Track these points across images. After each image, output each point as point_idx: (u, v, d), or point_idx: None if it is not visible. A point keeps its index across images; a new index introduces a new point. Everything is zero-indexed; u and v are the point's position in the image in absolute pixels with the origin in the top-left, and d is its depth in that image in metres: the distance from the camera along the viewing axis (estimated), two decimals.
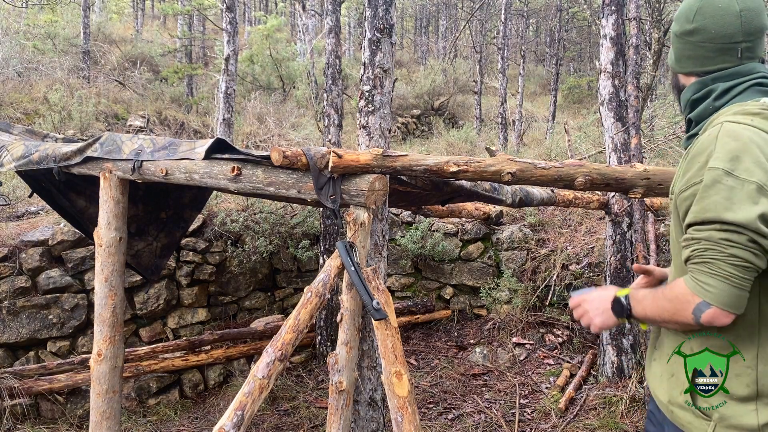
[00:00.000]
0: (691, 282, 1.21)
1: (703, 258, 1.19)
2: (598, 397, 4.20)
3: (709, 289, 1.18)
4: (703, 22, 1.34)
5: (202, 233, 5.35)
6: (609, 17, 4.32)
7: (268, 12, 23.13)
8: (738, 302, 1.19)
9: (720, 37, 1.33)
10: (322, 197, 2.19)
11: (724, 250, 1.16)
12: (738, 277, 1.17)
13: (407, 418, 2.15)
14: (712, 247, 1.18)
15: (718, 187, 1.17)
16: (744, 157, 1.17)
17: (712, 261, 1.18)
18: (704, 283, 1.18)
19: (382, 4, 3.05)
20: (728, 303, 1.18)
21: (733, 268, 1.16)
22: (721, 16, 1.32)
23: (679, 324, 1.26)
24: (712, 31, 1.33)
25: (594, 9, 12.34)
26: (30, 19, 14.24)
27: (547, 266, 5.45)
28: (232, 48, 7.14)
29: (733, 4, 1.32)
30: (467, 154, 9.40)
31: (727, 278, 1.16)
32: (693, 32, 1.36)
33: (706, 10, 1.34)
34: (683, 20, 1.39)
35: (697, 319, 1.21)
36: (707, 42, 1.35)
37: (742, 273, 1.17)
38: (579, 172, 2.18)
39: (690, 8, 1.38)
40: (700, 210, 1.20)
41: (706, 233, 1.19)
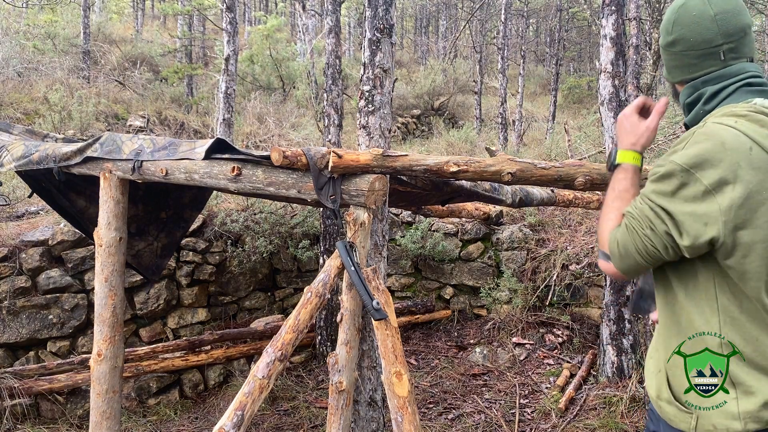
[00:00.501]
0: (616, 230, 1.35)
1: (631, 223, 1.31)
2: (598, 397, 4.20)
3: (617, 248, 1.34)
4: (681, 31, 1.37)
5: (202, 233, 5.35)
6: (609, 17, 4.32)
7: (268, 12, 23.13)
8: (630, 271, 1.36)
9: (699, 43, 1.35)
10: (322, 197, 2.19)
11: (646, 228, 1.28)
12: (643, 255, 1.30)
13: (407, 418, 2.15)
14: (640, 221, 1.29)
15: (672, 179, 1.24)
16: (708, 158, 1.21)
17: (634, 230, 1.30)
18: (618, 241, 1.33)
19: (382, 4, 3.05)
20: (622, 267, 1.35)
21: (643, 247, 1.29)
22: (697, 24, 1.35)
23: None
24: (690, 39, 1.36)
25: (594, 9, 12.34)
26: (30, 19, 14.24)
27: (547, 266, 5.45)
28: (232, 48, 7.14)
29: (707, 10, 1.34)
30: (467, 154, 9.40)
31: (636, 252, 1.30)
32: (674, 43, 1.40)
33: (682, 20, 1.37)
34: (664, 33, 1.43)
35: (599, 255, 1.42)
36: (689, 50, 1.37)
37: (647, 254, 1.29)
38: (579, 172, 2.18)
39: (668, 20, 1.42)
40: (648, 189, 1.30)
41: (644, 207, 1.29)
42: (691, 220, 1.21)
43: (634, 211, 1.31)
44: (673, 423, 1.35)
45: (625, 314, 4.39)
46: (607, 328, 4.44)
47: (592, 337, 5.11)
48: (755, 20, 15.48)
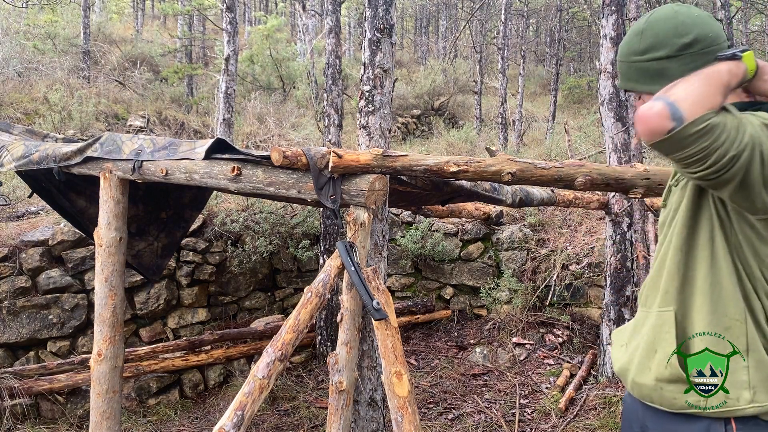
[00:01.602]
0: (718, 114, 1.15)
1: (741, 124, 1.15)
2: (598, 397, 4.20)
3: (704, 121, 1.13)
4: (697, 30, 1.33)
5: (202, 233, 5.35)
6: (609, 17, 4.32)
7: (268, 12, 23.13)
8: (683, 141, 1.14)
9: (717, 37, 1.34)
10: (322, 197, 2.19)
11: (748, 145, 1.14)
12: (718, 147, 1.13)
13: (407, 418, 2.15)
14: (747, 128, 1.15)
15: None
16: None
17: (737, 130, 1.14)
18: (713, 121, 1.13)
19: (382, 4, 3.05)
20: (686, 130, 1.13)
21: (729, 147, 1.13)
22: (705, 21, 1.35)
23: None
24: (710, 35, 1.34)
25: (594, 9, 12.34)
26: (30, 19, 14.23)
27: (547, 266, 5.45)
28: (232, 48, 7.14)
29: (701, 12, 1.37)
30: (467, 154, 9.40)
31: (715, 143, 1.13)
32: (693, 42, 1.33)
33: (690, 21, 1.34)
34: (672, 38, 1.34)
35: (663, 102, 1.14)
36: (710, 45, 1.33)
37: (722, 151, 1.14)
38: (579, 172, 2.18)
39: (672, 27, 1.35)
40: (755, 115, 1.19)
41: (762, 132, 1.16)
42: None
43: (741, 126, 1.16)
44: (677, 403, 1.32)
45: (625, 314, 4.39)
46: (607, 328, 4.44)
47: (592, 337, 5.11)
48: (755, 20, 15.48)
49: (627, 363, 1.45)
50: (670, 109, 1.13)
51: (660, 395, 1.36)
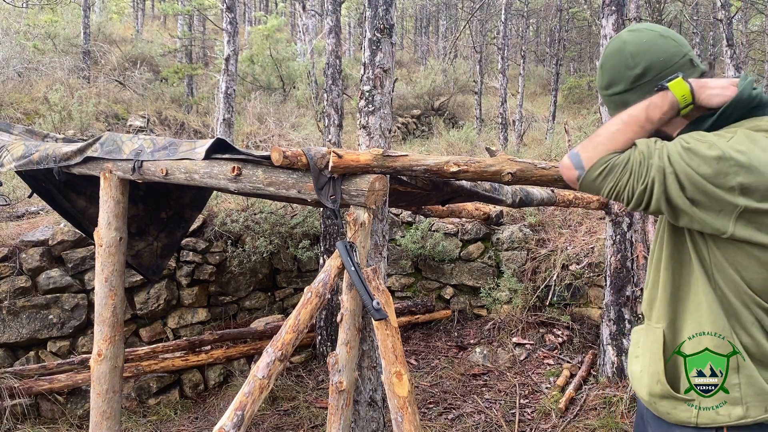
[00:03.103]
0: (614, 156, 1.25)
1: (634, 165, 1.22)
2: (598, 398, 4.20)
3: (600, 169, 1.25)
4: (646, 58, 1.34)
5: (202, 233, 5.35)
6: (609, 17, 4.32)
7: (268, 12, 23.13)
8: (586, 190, 1.31)
9: (670, 58, 1.33)
10: (323, 197, 2.19)
11: (641, 182, 1.21)
12: (613, 193, 1.25)
13: (407, 418, 2.15)
14: (645, 171, 1.21)
15: (711, 161, 1.17)
16: (749, 159, 1.17)
17: (631, 172, 1.22)
18: (608, 165, 1.24)
19: (382, 4, 3.05)
20: (586, 185, 1.29)
21: (623, 189, 1.23)
22: (654, 45, 1.34)
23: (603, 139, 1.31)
24: (660, 59, 1.33)
25: (594, 9, 12.34)
26: (30, 19, 14.23)
27: (547, 266, 5.45)
28: (232, 48, 7.14)
29: (651, 34, 1.35)
30: (467, 154, 9.40)
31: (612, 186, 1.25)
32: (644, 73, 1.35)
33: (638, 50, 1.35)
34: (623, 71, 1.37)
35: (571, 155, 1.31)
36: (663, 70, 1.33)
37: (616, 195, 1.25)
38: None
39: (621, 60, 1.37)
40: (676, 152, 1.20)
41: (660, 163, 1.20)
42: (709, 203, 1.18)
43: (645, 159, 1.21)
44: (672, 417, 1.34)
45: (625, 314, 4.39)
46: (607, 328, 4.44)
47: (592, 337, 5.11)
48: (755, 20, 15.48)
49: (633, 372, 1.47)
50: (573, 160, 1.29)
51: (655, 408, 1.38)
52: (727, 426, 1.27)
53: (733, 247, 1.23)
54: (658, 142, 1.24)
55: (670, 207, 1.21)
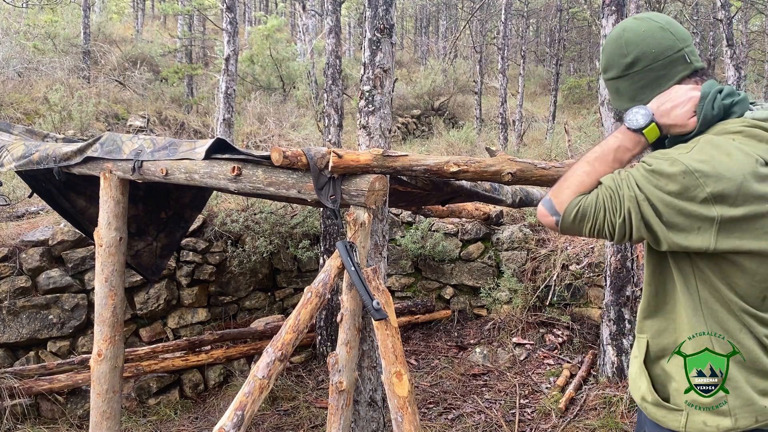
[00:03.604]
0: (583, 198, 1.27)
1: (605, 201, 1.24)
2: (598, 398, 4.20)
3: (573, 213, 1.27)
4: (639, 48, 1.34)
5: (202, 233, 5.35)
6: (609, 17, 4.31)
7: (268, 12, 23.13)
8: (567, 233, 1.33)
9: (663, 51, 1.33)
10: (323, 197, 2.19)
11: (617, 215, 1.22)
12: (594, 232, 1.27)
13: (407, 418, 2.15)
14: (617, 205, 1.22)
15: (676, 178, 1.17)
16: (714, 168, 1.16)
17: (603, 209, 1.24)
18: (580, 208, 1.27)
19: (382, 4, 3.05)
20: (565, 229, 1.31)
21: (601, 228, 1.25)
22: (651, 36, 1.34)
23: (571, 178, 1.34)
24: (652, 51, 1.34)
25: (594, 9, 12.34)
26: (30, 19, 14.24)
27: (547, 266, 5.45)
28: (232, 48, 7.14)
29: (652, 24, 1.35)
30: (467, 154, 9.40)
31: (590, 227, 1.26)
32: (635, 62, 1.35)
33: (634, 39, 1.35)
34: (617, 59, 1.38)
35: (544, 202, 1.33)
36: (653, 62, 1.34)
37: (597, 233, 1.27)
38: None
39: (617, 46, 1.38)
40: (641, 178, 1.21)
41: (630, 193, 1.21)
42: (686, 222, 1.18)
43: (614, 192, 1.23)
44: (662, 423, 1.36)
45: (625, 314, 4.39)
46: (607, 328, 4.44)
47: (592, 337, 5.11)
48: (755, 20, 15.49)
49: (630, 373, 1.49)
50: (546, 206, 1.33)
51: (648, 412, 1.40)
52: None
53: (717, 258, 1.23)
54: (621, 172, 1.26)
55: (650, 233, 1.22)
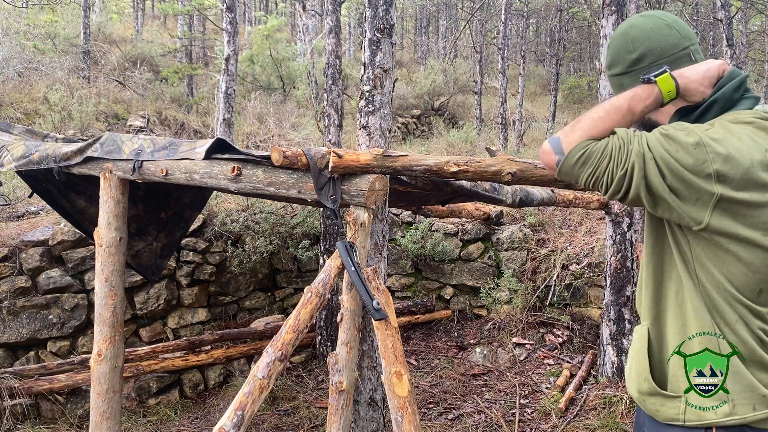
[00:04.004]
0: (593, 142, 1.25)
1: (613, 151, 1.22)
2: (598, 398, 4.20)
3: (578, 155, 1.24)
4: (645, 45, 1.35)
5: (202, 233, 5.35)
6: (609, 17, 4.31)
7: (268, 12, 23.13)
8: (564, 178, 1.29)
9: (669, 48, 1.34)
10: (323, 197, 2.19)
11: (620, 168, 1.20)
12: (591, 180, 1.25)
13: (407, 418, 2.15)
14: (624, 159, 1.20)
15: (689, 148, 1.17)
16: (727, 149, 1.17)
17: (609, 159, 1.22)
18: (586, 151, 1.24)
19: (382, 4, 3.05)
20: (564, 171, 1.28)
21: (601, 176, 1.23)
22: (658, 33, 1.34)
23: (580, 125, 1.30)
24: (658, 48, 1.34)
25: (594, 9, 12.34)
26: (30, 19, 14.23)
27: (547, 266, 5.45)
28: (232, 48, 7.14)
29: (659, 22, 1.36)
30: (467, 154, 9.40)
31: (590, 173, 1.24)
32: (641, 58, 1.36)
33: (641, 36, 1.36)
34: (623, 54, 1.38)
35: (551, 140, 1.30)
36: (659, 59, 1.35)
37: (594, 183, 1.25)
38: None
39: (624, 42, 1.38)
40: (654, 140, 1.20)
41: (640, 149, 1.20)
42: (686, 192, 1.19)
43: (624, 145, 1.22)
44: (661, 414, 1.34)
45: (625, 314, 4.39)
46: (607, 328, 4.44)
47: (592, 337, 5.11)
48: (755, 20, 15.48)
49: (627, 370, 1.48)
50: (552, 144, 1.29)
51: (644, 406, 1.39)
52: (716, 425, 1.27)
53: (711, 243, 1.23)
54: (636, 131, 1.25)
55: (649, 194, 1.21)
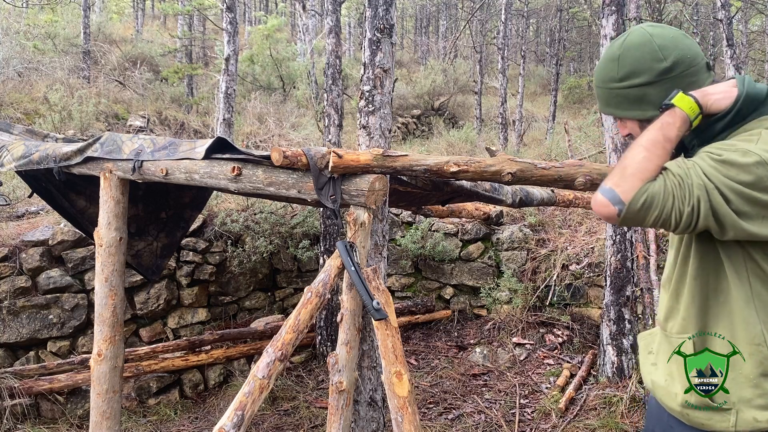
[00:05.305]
0: (651, 184, 1.19)
1: (674, 188, 1.18)
2: (599, 398, 4.20)
3: (641, 201, 1.18)
4: (676, 53, 1.31)
5: (202, 233, 5.35)
6: (609, 17, 4.31)
7: (269, 12, 23.13)
8: (630, 224, 1.23)
9: (694, 58, 1.32)
10: (323, 197, 2.19)
11: (686, 203, 1.17)
12: (659, 221, 1.19)
13: (407, 418, 2.15)
14: (687, 192, 1.17)
15: (750, 168, 1.15)
16: None
17: (672, 197, 1.17)
18: (648, 196, 1.18)
19: (382, 4, 3.05)
20: (630, 219, 1.20)
21: (668, 215, 1.18)
22: (682, 41, 1.32)
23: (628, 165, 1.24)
24: (688, 56, 1.31)
25: (594, 9, 12.34)
26: (30, 19, 14.24)
27: (547, 266, 5.45)
28: (232, 48, 7.14)
29: (675, 31, 1.34)
30: (467, 154, 9.40)
31: (657, 215, 1.18)
32: (674, 66, 1.31)
33: (669, 44, 1.32)
34: (651, 63, 1.32)
35: (603, 191, 1.22)
36: (689, 67, 1.32)
37: (662, 222, 1.19)
38: (579, 172, 2.17)
39: (649, 52, 1.33)
40: (709, 166, 1.17)
41: (699, 181, 1.17)
42: (755, 211, 1.16)
43: (683, 180, 1.18)
44: (707, 427, 1.31)
45: (625, 314, 4.39)
46: (607, 328, 4.44)
47: (592, 337, 5.11)
48: (755, 20, 15.48)
49: (657, 381, 1.43)
50: (609, 197, 1.21)
51: (687, 419, 1.35)
52: None
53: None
54: (687, 161, 1.21)
55: (717, 222, 1.18)
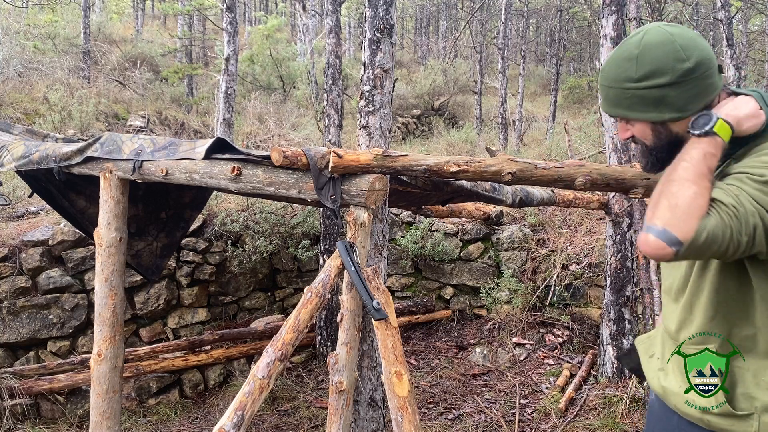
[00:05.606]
0: (707, 220, 1.13)
1: (730, 220, 1.13)
2: (599, 398, 4.20)
3: (702, 238, 1.12)
4: (697, 54, 1.27)
5: (202, 233, 5.35)
6: (609, 17, 4.31)
7: (269, 12, 23.14)
8: (688, 259, 1.18)
9: (712, 59, 1.30)
10: (323, 197, 2.18)
11: (744, 233, 1.13)
12: (719, 253, 1.15)
13: (407, 418, 2.15)
14: (742, 223, 1.13)
15: None
16: None
17: (730, 229, 1.13)
18: (709, 233, 1.12)
19: (382, 4, 3.05)
20: (689, 255, 1.15)
21: (727, 248, 1.14)
22: (700, 42, 1.30)
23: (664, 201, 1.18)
24: (707, 58, 1.28)
25: (594, 9, 12.34)
26: (30, 19, 14.24)
27: (547, 266, 5.45)
28: (232, 48, 7.14)
29: (692, 32, 1.32)
30: (467, 154, 9.40)
31: (716, 249, 1.14)
32: (696, 67, 1.27)
33: (691, 44, 1.28)
34: (673, 63, 1.27)
35: (652, 231, 1.15)
36: (708, 69, 1.29)
37: (721, 254, 1.16)
38: (579, 172, 2.18)
39: (671, 52, 1.27)
40: (755, 191, 1.15)
41: (750, 208, 1.14)
42: None
43: (737, 210, 1.14)
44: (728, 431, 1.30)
45: (625, 314, 4.39)
46: (607, 328, 4.44)
47: (592, 337, 5.11)
48: (755, 20, 15.48)
49: (668, 388, 1.41)
50: (664, 238, 1.13)
51: (707, 423, 1.33)
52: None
53: None
54: (731, 188, 1.18)
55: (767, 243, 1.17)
